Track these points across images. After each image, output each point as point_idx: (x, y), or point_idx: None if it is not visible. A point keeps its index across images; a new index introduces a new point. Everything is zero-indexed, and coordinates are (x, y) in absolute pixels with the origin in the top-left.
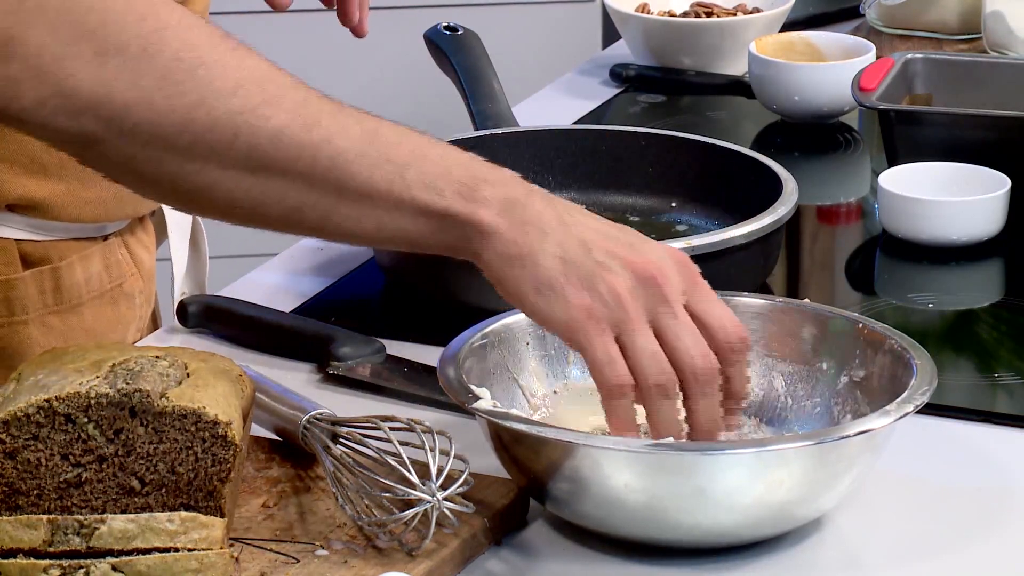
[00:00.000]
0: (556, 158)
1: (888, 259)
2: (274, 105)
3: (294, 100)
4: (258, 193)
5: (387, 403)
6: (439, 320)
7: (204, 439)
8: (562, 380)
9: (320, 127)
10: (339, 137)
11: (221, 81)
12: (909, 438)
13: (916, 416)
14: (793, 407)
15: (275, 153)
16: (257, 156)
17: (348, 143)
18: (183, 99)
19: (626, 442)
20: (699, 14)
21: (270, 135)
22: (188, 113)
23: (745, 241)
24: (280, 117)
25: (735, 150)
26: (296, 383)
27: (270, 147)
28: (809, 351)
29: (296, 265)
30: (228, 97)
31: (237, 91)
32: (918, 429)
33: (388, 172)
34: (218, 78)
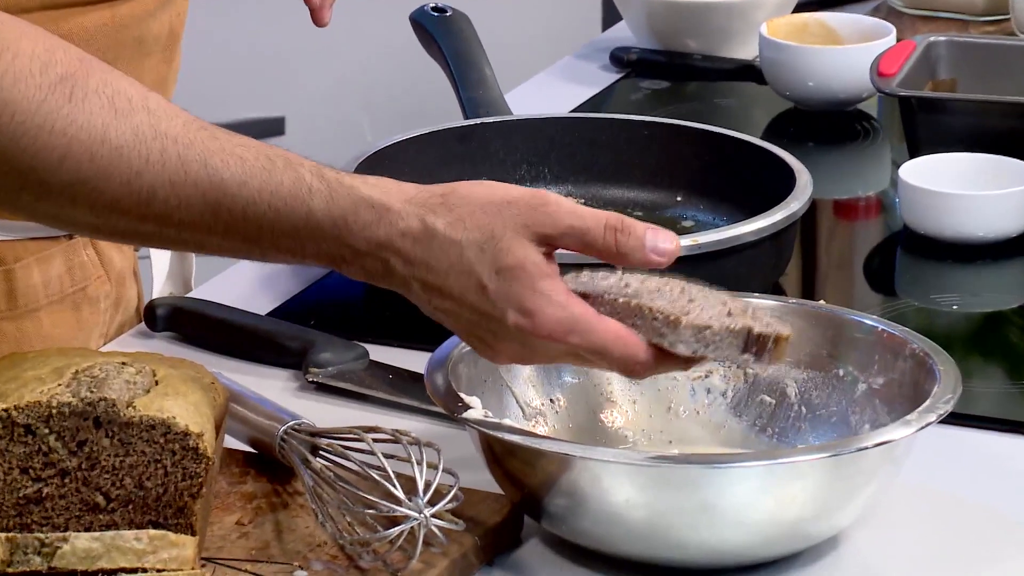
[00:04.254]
0: (552, 149)
1: (909, 257)
2: (103, 177)
3: (128, 168)
4: (119, 232)
5: (371, 412)
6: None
7: (174, 451)
8: (558, 388)
9: (157, 200)
10: (180, 210)
11: (47, 153)
12: (932, 450)
13: (939, 426)
14: (807, 417)
15: (117, 220)
16: (105, 214)
17: (188, 216)
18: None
19: (627, 455)
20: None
21: (106, 206)
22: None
23: (756, 238)
24: (112, 189)
25: (745, 140)
26: (273, 391)
27: (110, 216)
28: (825, 356)
29: (273, 264)
30: (56, 170)
31: (64, 161)
32: (941, 440)
33: (241, 243)
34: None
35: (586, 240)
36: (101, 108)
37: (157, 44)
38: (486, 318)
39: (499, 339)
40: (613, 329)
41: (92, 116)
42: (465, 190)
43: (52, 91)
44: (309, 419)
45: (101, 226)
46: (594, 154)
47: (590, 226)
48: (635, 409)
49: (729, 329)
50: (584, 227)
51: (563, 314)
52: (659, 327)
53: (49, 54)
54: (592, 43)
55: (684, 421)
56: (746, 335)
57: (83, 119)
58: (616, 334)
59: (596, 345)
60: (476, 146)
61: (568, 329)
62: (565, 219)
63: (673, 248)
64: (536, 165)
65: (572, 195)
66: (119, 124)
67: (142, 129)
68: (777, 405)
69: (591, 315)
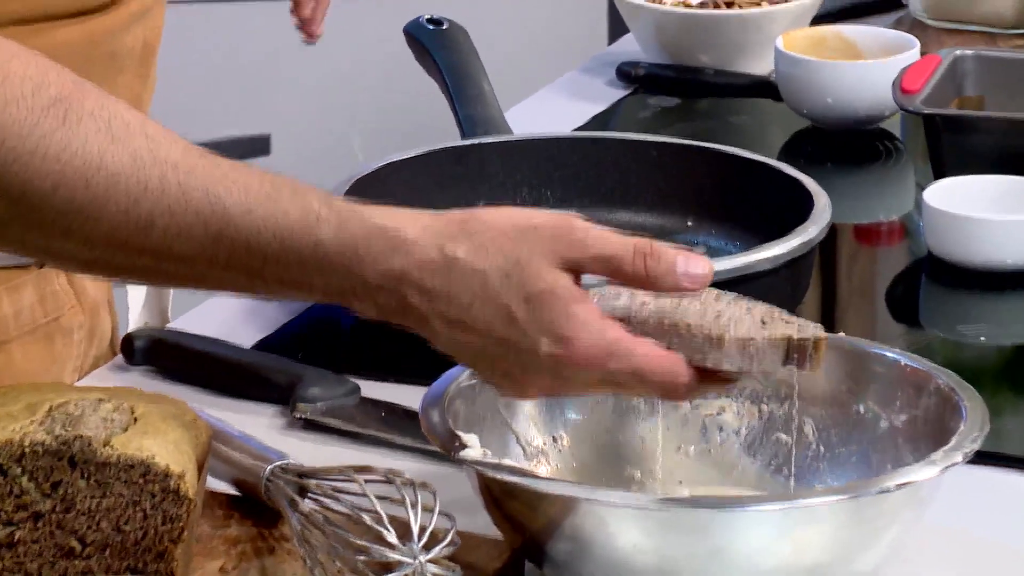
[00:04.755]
0: (555, 170)
1: (934, 286)
2: (99, 206)
3: (125, 196)
4: (114, 267)
5: (362, 451)
6: (421, 356)
7: (153, 493)
8: (561, 425)
9: (156, 230)
10: (180, 241)
11: (40, 180)
12: (958, 491)
13: (966, 466)
14: (825, 456)
15: (113, 254)
16: (100, 246)
17: (188, 248)
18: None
19: (634, 497)
20: (719, 4)
21: (101, 237)
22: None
23: (771, 265)
24: (108, 219)
25: (759, 161)
26: (258, 429)
27: (105, 250)
28: (844, 392)
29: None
30: (48, 198)
31: (58, 189)
32: (969, 481)
33: (243, 277)
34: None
35: (614, 266)
36: (97, 132)
37: (131, 59)
38: (515, 350)
39: (529, 371)
40: (653, 351)
41: (87, 141)
42: (485, 216)
43: (45, 114)
44: (297, 459)
45: (95, 260)
46: (599, 176)
47: (619, 251)
48: (643, 449)
49: (770, 340)
50: (612, 252)
51: (600, 339)
52: (701, 346)
53: (41, 75)
54: (597, 57)
55: (695, 461)
56: (787, 344)
57: (78, 144)
58: (657, 356)
59: (637, 369)
60: (474, 167)
61: (607, 354)
62: (593, 244)
63: (706, 273)
64: (538, 187)
65: None
66: (116, 149)
67: (140, 154)
68: (794, 444)
69: (629, 338)
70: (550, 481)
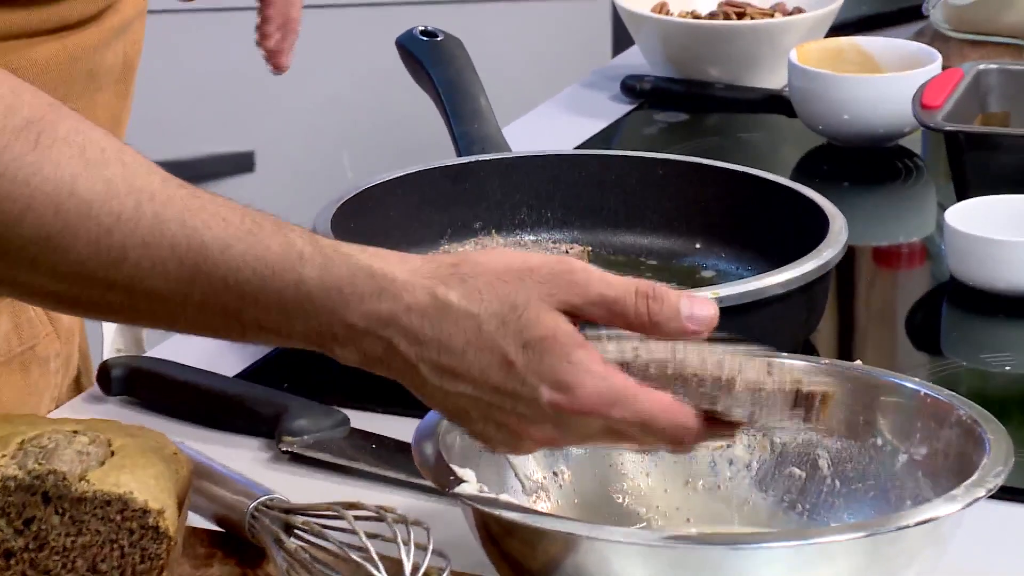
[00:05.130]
0: (556, 190)
1: (957, 312)
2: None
3: (97, 225)
4: (83, 302)
5: (351, 486)
6: None
7: (131, 530)
8: (562, 459)
9: (127, 263)
10: (153, 276)
11: (8, 204)
12: (981, 528)
13: (989, 502)
14: (841, 491)
15: (82, 288)
16: (68, 279)
17: (162, 283)
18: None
19: (640, 534)
20: (729, 15)
21: (70, 269)
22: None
23: (784, 291)
24: (78, 249)
25: (772, 180)
26: (242, 463)
27: (74, 283)
28: (861, 424)
29: None
30: (16, 224)
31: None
32: (992, 517)
33: (219, 318)
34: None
35: (616, 309)
36: (71, 158)
37: (110, 77)
38: (512, 398)
39: (528, 422)
40: (658, 398)
41: (60, 166)
42: (479, 258)
43: (16, 137)
44: (282, 494)
45: (63, 294)
46: (603, 196)
47: (620, 295)
48: (648, 483)
49: (781, 387)
50: (614, 296)
51: (604, 386)
52: (709, 392)
53: (15, 96)
54: (601, 71)
55: (703, 496)
56: (795, 393)
57: (49, 169)
58: (662, 403)
59: (642, 416)
60: (471, 187)
61: (611, 402)
62: (593, 287)
63: (711, 316)
64: (537, 208)
65: (578, 241)
66: (90, 175)
67: (115, 182)
68: (807, 478)
69: (634, 386)
70: (551, 518)
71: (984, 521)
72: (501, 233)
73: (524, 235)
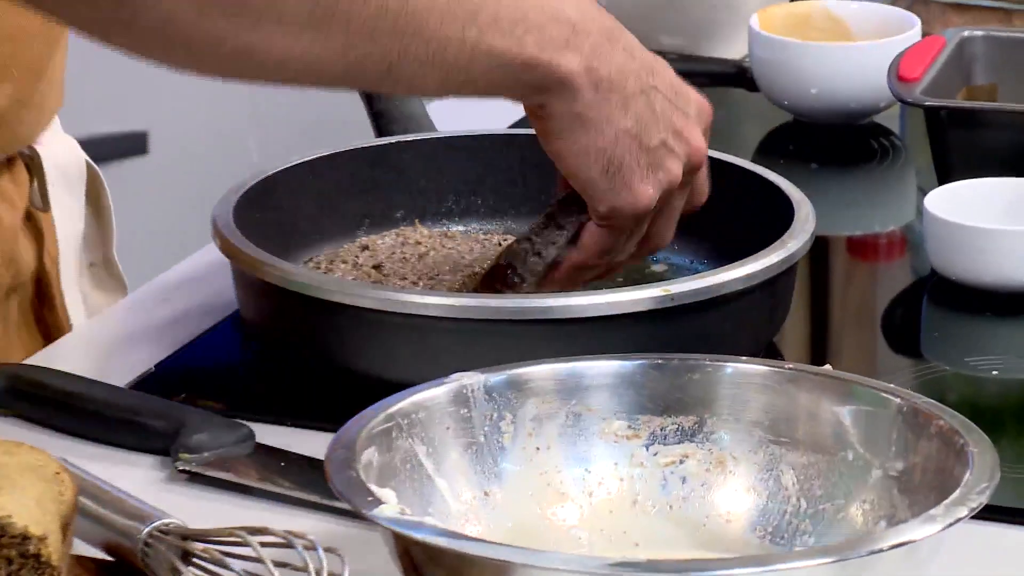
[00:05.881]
0: (488, 174)
1: (939, 309)
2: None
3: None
4: (318, 48)
5: (257, 509)
6: (327, 396)
7: (10, 559)
8: (494, 477)
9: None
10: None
11: None
12: (963, 551)
13: (972, 522)
14: (808, 512)
15: (339, 5)
16: (321, 7)
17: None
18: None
19: (581, 561)
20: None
21: None
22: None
23: (744, 286)
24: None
25: (730, 162)
26: (134, 483)
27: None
28: (829, 436)
29: (133, 321)
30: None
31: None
32: (976, 539)
33: (459, 18)
34: None
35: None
36: None
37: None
38: (688, 99)
39: (690, 122)
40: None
41: None
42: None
43: None
44: (180, 518)
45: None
46: (541, 181)
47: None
48: (591, 503)
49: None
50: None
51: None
52: None
53: None
54: None
55: (654, 518)
56: None
57: None
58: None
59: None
60: (391, 171)
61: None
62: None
63: None
64: (467, 195)
65: (513, 233)
66: None
67: None
68: (770, 498)
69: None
70: (481, 543)
71: (967, 544)
72: (426, 223)
73: (452, 225)
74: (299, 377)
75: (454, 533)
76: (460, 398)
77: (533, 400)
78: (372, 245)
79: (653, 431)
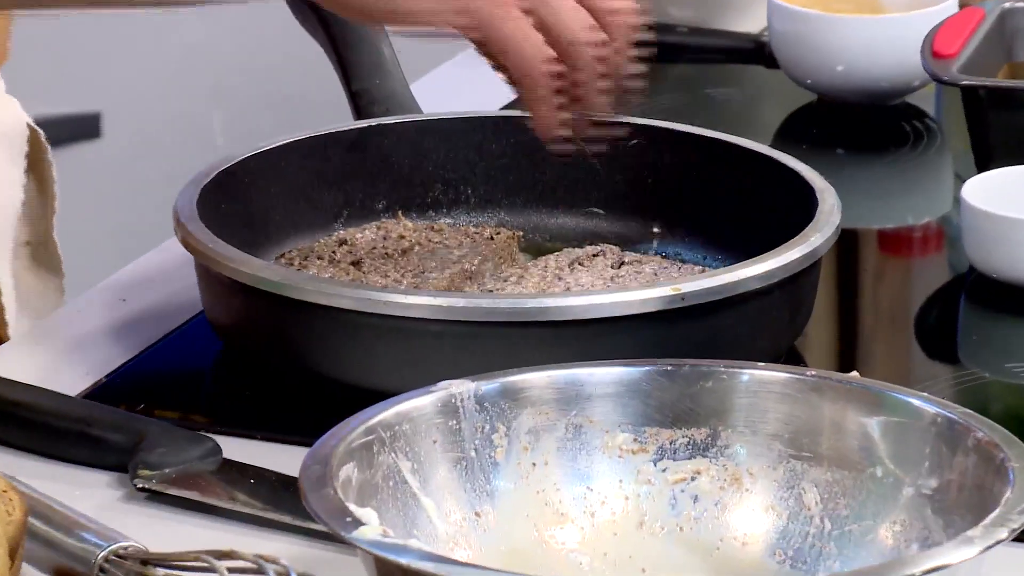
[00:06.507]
0: (478, 160)
1: (978, 310)
2: None
3: None
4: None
5: (224, 530)
6: (301, 407)
7: None
8: (486, 496)
9: None
10: None
11: None
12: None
13: (1012, 544)
14: (832, 534)
15: None
16: None
17: None
18: None
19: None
20: None
21: None
22: None
23: (762, 285)
24: None
25: (747, 148)
26: (89, 502)
27: None
28: (856, 450)
29: (86, 323)
30: None
31: None
32: (1016, 563)
33: None
34: None
35: None
36: None
37: None
38: None
39: None
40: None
41: None
42: None
43: None
44: (139, 541)
45: None
46: (537, 168)
47: None
48: (593, 524)
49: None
50: None
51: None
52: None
53: None
54: None
55: (662, 541)
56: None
57: None
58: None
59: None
60: (371, 157)
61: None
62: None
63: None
64: (455, 184)
65: (506, 225)
66: None
67: None
68: (790, 518)
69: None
70: (472, 568)
71: (1007, 569)
72: (410, 215)
73: (439, 217)
74: (270, 386)
75: (442, 557)
76: (448, 408)
77: (529, 411)
78: (351, 239)
79: (661, 445)
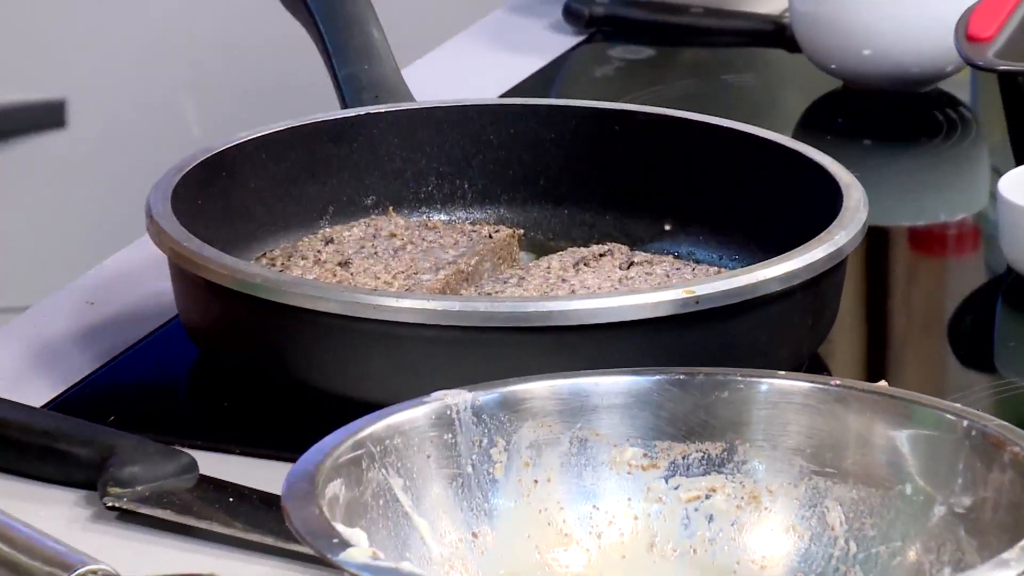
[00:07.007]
0: (476, 152)
1: (1016, 314)
2: None
3: None
4: None
5: (201, 553)
6: (284, 419)
7: None
8: (484, 515)
9: None
10: None
11: None
12: None
13: None
14: (858, 556)
15: None
16: None
17: None
18: None
19: None
20: None
21: None
22: None
23: (783, 287)
24: None
25: (767, 139)
26: (55, 522)
27: None
28: (884, 466)
29: (52, 329)
30: None
31: None
32: None
33: None
34: None
35: None
36: None
37: None
38: None
39: None
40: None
41: None
42: None
43: None
44: (109, 563)
45: None
46: (539, 160)
47: None
48: (600, 546)
49: None
50: None
51: None
52: None
53: None
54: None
55: (675, 564)
56: None
57: None
58: None
59: None
60: (359, 148)
61: None
62: None
63: None
64: (451, 177)
65: (506, 222)
66: None
67: None
68: (813, 540)
69: None
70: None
71: None
72: (401, 211)
73: (433, 214)
74: (251, 396)
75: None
76: (443, 421)
77: (530, 423)
78: (338, 237)
79: (674, 460)
